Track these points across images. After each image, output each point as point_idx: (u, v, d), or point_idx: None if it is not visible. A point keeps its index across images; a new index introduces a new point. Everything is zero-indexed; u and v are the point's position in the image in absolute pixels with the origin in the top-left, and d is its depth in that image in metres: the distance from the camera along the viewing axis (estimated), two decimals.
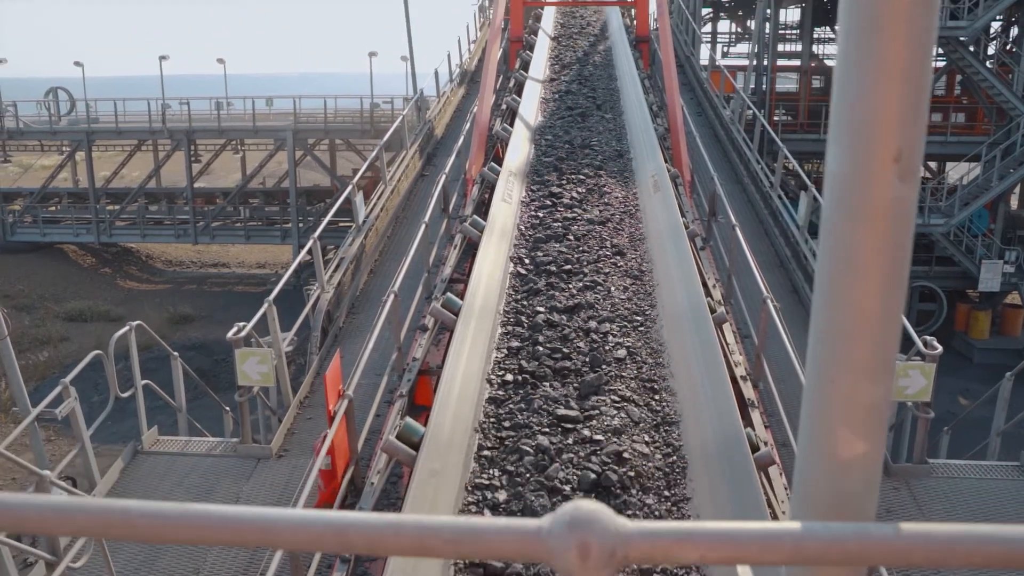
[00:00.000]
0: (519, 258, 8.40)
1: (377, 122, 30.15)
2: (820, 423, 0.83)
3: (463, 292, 7.41)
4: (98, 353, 7.00)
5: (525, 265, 8.22)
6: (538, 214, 9.47)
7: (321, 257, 9.44)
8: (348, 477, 6.11)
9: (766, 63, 29.09)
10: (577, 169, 10.76)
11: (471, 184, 10.55)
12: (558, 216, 9.34)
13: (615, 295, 7.54)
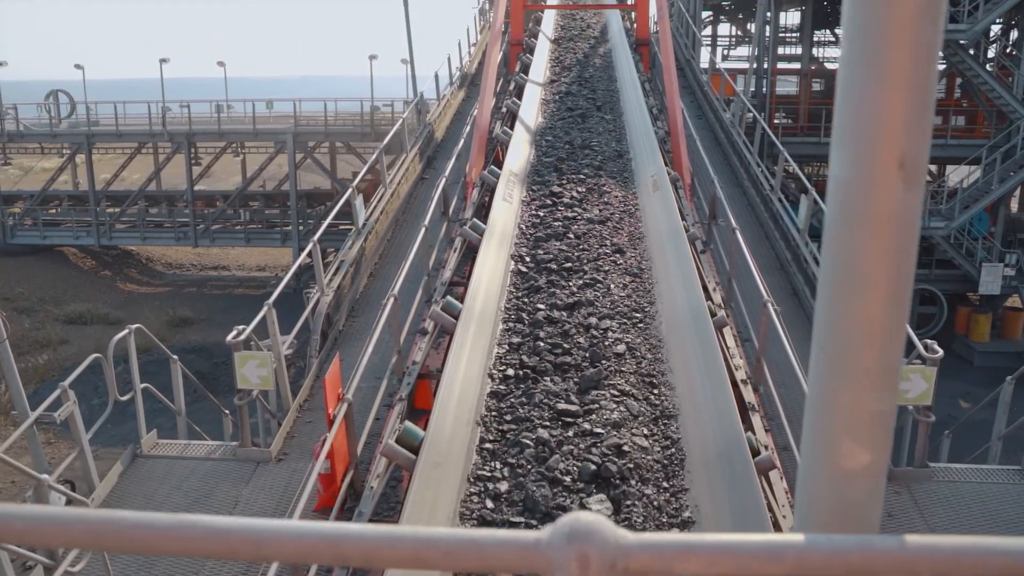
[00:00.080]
0: (520, 256, 8.48)
1: (377, 125, 30.15)
2: (823, 433, 0.82)
3: (463, 295, 7.41)
4: (97, 356, 6.98)
5: (526, 263, 8.29)
6: (539, 213, 9.55)
7: (321, 260, 9.43)
8: (347, 481, 6.09)
9: (766, 66, 29.09)
10: (577, 169, 10.84)
11: (471, 187, 10.55)
12: (559, 215, 9.41)
13: (615, 292, 7.63)
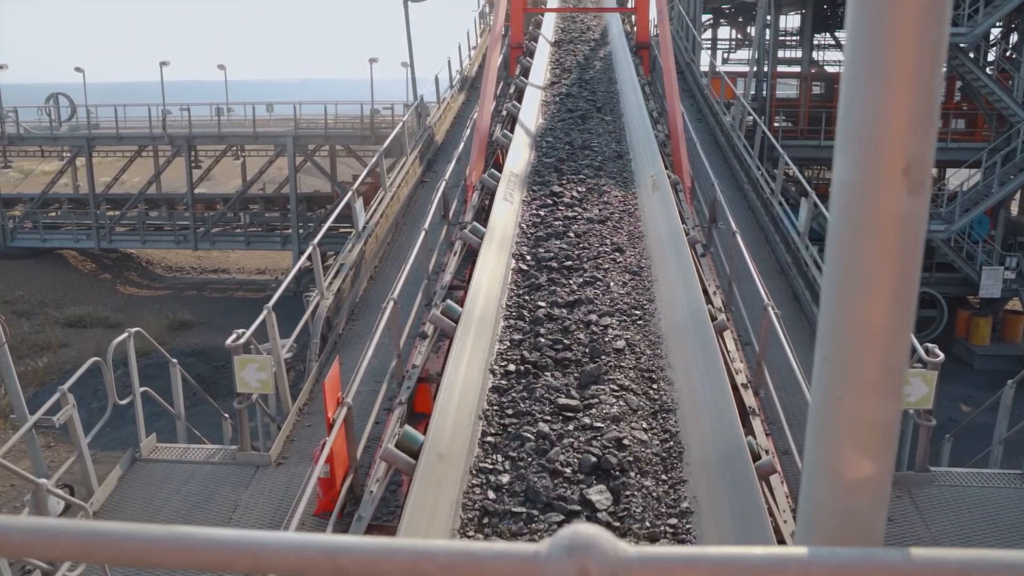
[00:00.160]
0: (521, 255, 8.56)
1: (377, 128, 30.16)
2: (826, 442, 0.81)
3: (463, 299, 7.41)
4: (96, 360, 6.97)
5: (527, 261, 8.38)
6: (539, 212, 9.63)
7: (321, 263, 9.41)
8: (347, 485, 6.07)
9: (766, 69, 29.11)
10: (577, 170, 10.93)
11: (471, 190, 10.55)
12: (559, 215, 9.50)
13: (614, 290, 7.73)
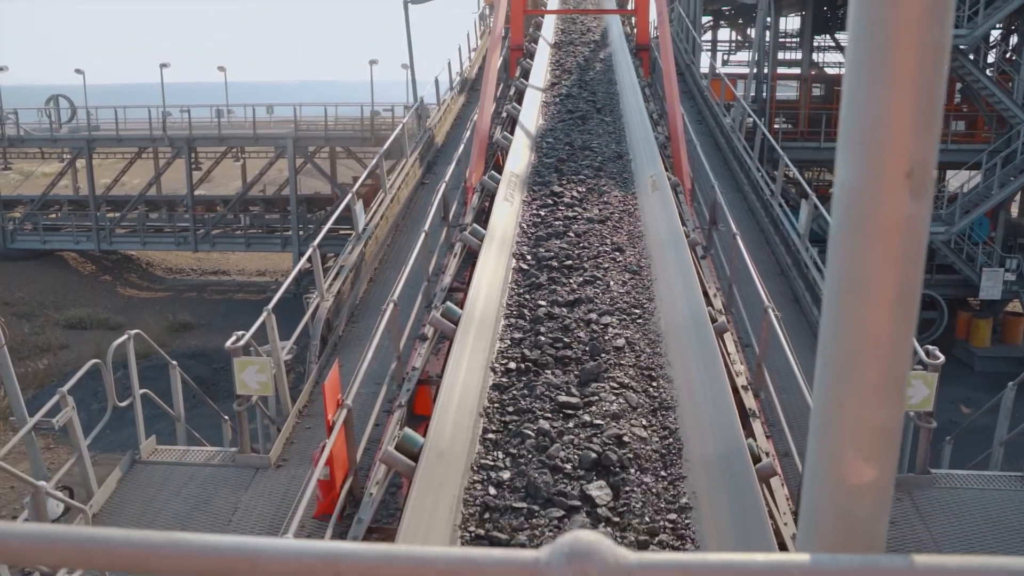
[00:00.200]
0: (521, 254, 8.61)
1: (377, 130, 30.16)
2: (828, 447, 0.80)
3: (463, 301, 7.41)
4: (96, 362, 6.96)
5: (527, 261, 8.44)
6: (540, 212, 9.69)
7: (320, 265, 9.40)
8: (347, 487, 6.06)
9: (766, 71, 29.11)
10: (577, 170, 11.00)
11: (471, 192, 10.55)
12: (559, 214, 9.56)
13: (614, 289, 7.80)
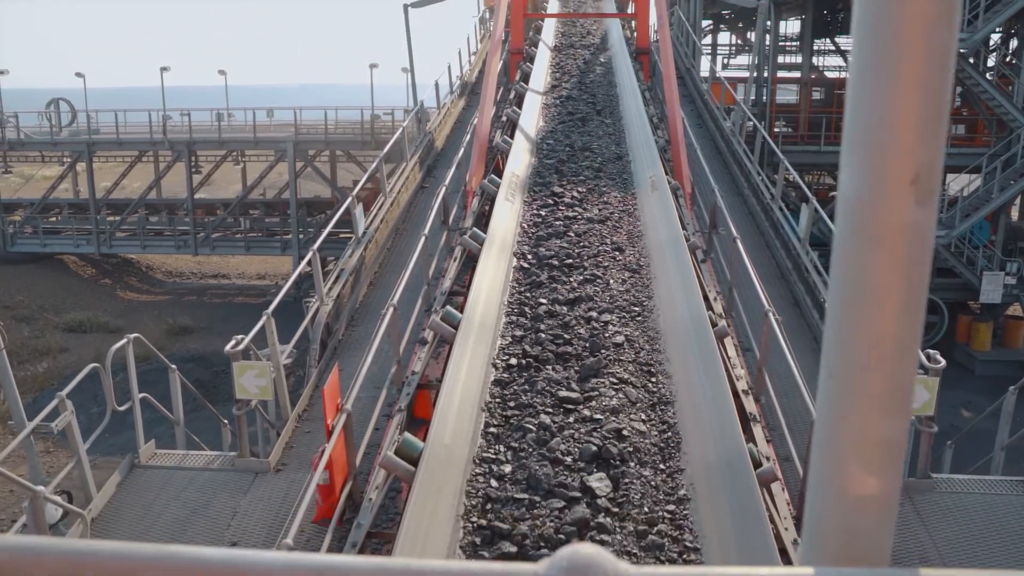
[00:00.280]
0: (522, 253, 8.72)
1: (378, 133, 30.17)
2: (832, 460, 0.78)
3: (463, 305, 7.40)
4: (95, 366, 6.95)
5: (528, 260, 8.55)
6: (540, 212, 9.81)
7: (320, 269, 9.39)
8: (346, 492, 6.04)
9: (766, 75, 29.12)
10: (577, 171, 11.12)
11: (471, 196, 10.54)
12: (559, 214, 9.68)
13: (614, 287, 7.92)
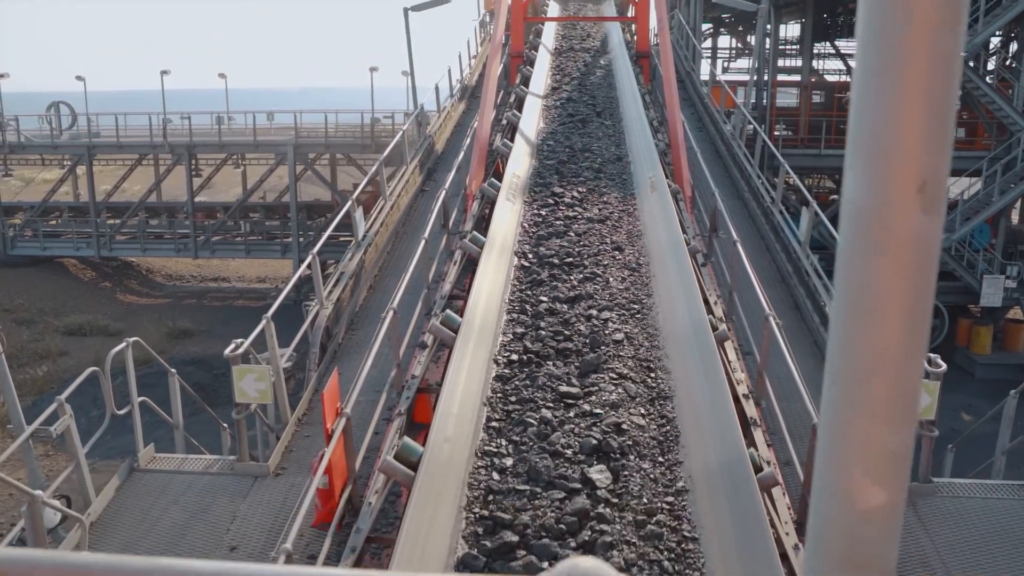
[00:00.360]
0: (523, 253, 8.84)
1: (378, 137, 30.16)
2: (836, 471, 0.77)
3: (463, 308, 7.39)
4: (94, 370, 6.93)
5: (529, 259, 8.68)
6: (541, 212, 9.94)
7: (320, 273, 9.38)
8: (346, 496, 6.02)
9: (766, 78, 29.14)
10: (578, 172, 11.25)
11: (471, 199, 10.53)
12: (560, 214, 9.81)
13: (613, 285, 8.03)
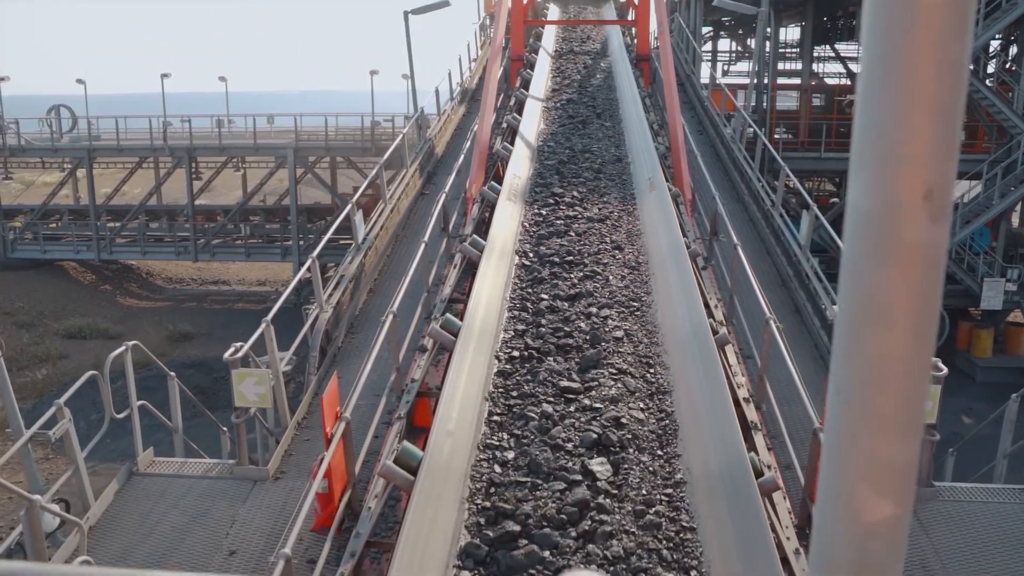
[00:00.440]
0: (524, 252, 8.95)
1: (378, 140, 30.17)
2: (841, 483, 0.76)
3: (463, 312, 7.38)
4: (93, 373, 6.91)
5: (529, 258, 8.79)
6: (541, 212, 10.05)
7: (320, 276, 9.36)
8: (345, 500, 6.01)
9: (766, 81, 29.14)
10: (578, 172, 11.39)
11: (471, 203, 10.52)
12: (560, 214, 9.92)
13: (613, 283, 8.13)
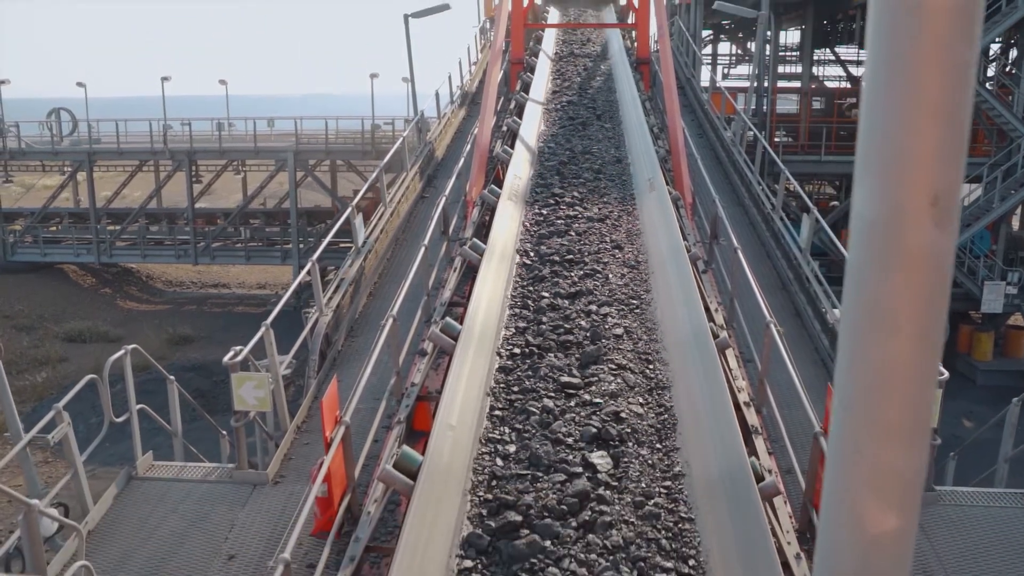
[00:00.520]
0: (525, 251, 9.06)
1: (378, 143, 30.18)
2: (846, 494, 0.74)
3: (463, 316, 7.37)
4: (92, 377, 6.90)
5: (530, 257, 8.90)
6: (542, 212, 10.17)
7: (320, 280, 9.34)
8: (345, 505, 5.99)
9: (767, 84, 29.16)
10: (578, 173, 11.52)
11: (471, 206, 10.51)
12: (560, 214, 10.04)
13: (613, 282, 8.24)
